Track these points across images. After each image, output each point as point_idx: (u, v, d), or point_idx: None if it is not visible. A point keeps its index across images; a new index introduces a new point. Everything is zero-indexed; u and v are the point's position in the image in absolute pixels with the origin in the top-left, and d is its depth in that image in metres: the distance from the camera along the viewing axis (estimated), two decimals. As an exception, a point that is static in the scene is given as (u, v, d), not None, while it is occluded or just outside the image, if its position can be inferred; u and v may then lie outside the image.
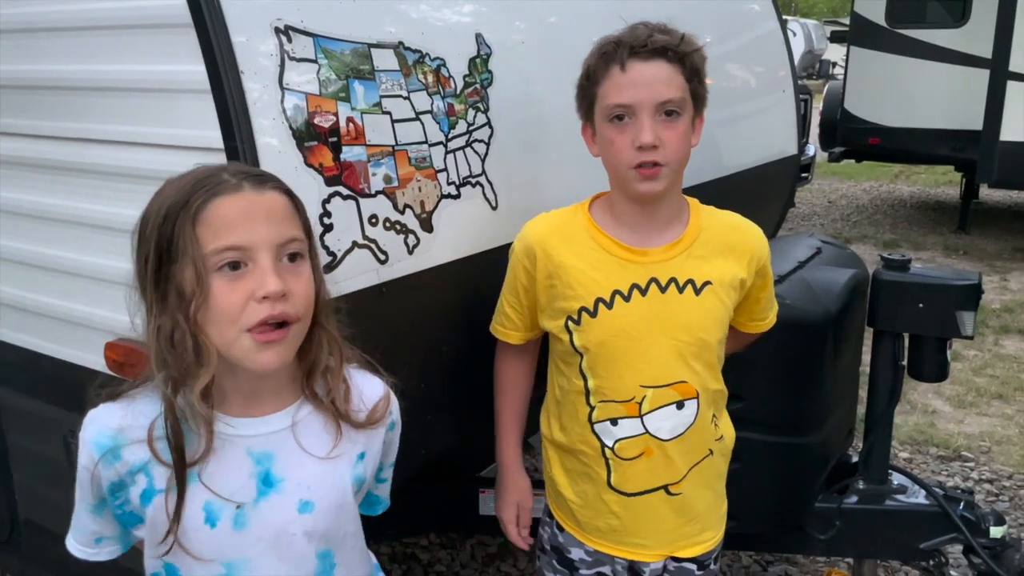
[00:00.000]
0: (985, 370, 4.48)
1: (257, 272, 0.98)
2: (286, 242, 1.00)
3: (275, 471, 1.07)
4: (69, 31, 1.48)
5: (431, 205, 1.58)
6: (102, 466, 1.04)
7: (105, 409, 1.07)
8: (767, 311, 1.64)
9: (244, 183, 1.00)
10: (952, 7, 7.19)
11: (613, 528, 1.52)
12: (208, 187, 0.98)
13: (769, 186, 3.09)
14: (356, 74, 1.45)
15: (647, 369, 1.44)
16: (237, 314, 0.97)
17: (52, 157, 1.58)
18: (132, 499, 1.06)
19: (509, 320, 1.57)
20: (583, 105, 1.47)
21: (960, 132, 6.85)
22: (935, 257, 6.77)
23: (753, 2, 3.12)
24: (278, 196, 1.02)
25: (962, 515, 2.14)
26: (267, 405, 1.08)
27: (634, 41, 1.36)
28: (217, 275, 0.97)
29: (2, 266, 1.74)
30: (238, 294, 0.97)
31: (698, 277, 1.44)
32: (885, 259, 2.20)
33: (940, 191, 9.72)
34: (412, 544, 2.85)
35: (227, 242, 0.97)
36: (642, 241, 1.45)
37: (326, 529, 1.10)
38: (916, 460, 3.51)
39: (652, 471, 1.48)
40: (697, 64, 1.40)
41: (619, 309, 1.43)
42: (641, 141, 1.35)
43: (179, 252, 0.97)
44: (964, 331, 2.11)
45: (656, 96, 1.35)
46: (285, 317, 0.99)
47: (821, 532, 2.17)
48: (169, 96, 1.38)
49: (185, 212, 0.97)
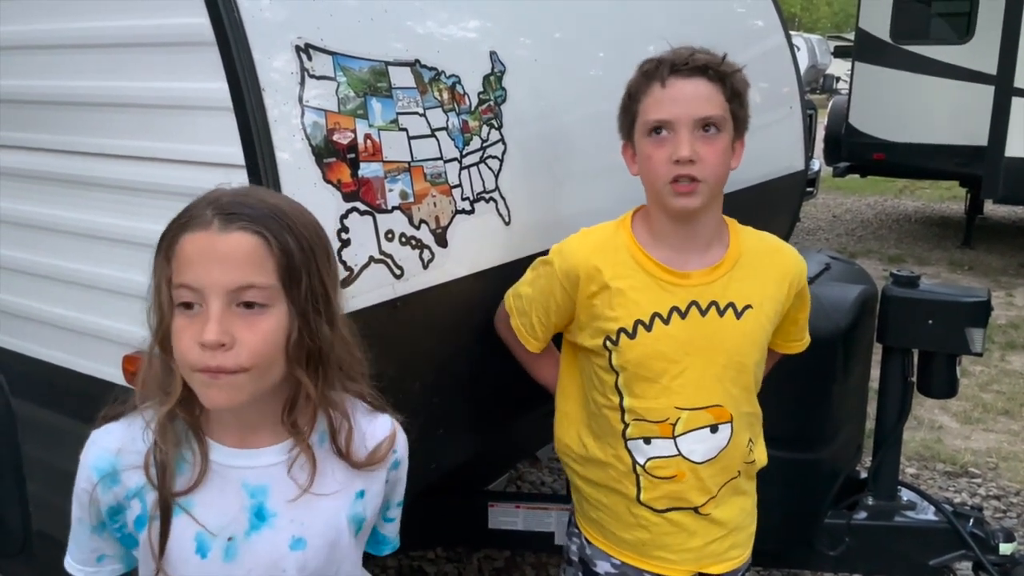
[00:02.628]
0: (991, 386, 4.48)
1: (203, 317, 0.94)
2: (240, 288, 0.94)
3: (268, 505, 1.04)
4: (92, 48, 1.50)
5: (446, 220, 1.60)
6: (100, 490, 1.03)
7: (106, 431, 1.06)
8: (803, 332, 1.65)
9: (215, 220, 0.95)
10: (957, 23, 7.23)
11: (642, 541, 1.51)
12: (185, 218, 0.97)
13: (776, 201, 3.10)
14: (374, 91, 1.47)
15: (683, 392, 1.44)
16: (184, 354, 0.95)
17: (73, 172, 1.60)
18: (128, 523, 1.04)
19: (533, 330, 1.57)
20: (624, 123, 1.48)
21: (965, 148, 6.87)
22: (940, 272, 6.78)
23: (759, 18, 3.14)
24: (245, 238, 0.95)
25: (972, 532, 2.15)
26: (263, 438, 1.05)
27: (675, 59, 1.38)
28: (177, 310, 0.96)
29: (20, 278, 1.75)
30: (188, 335, 0.95)
31: (739, 301, 1.44)
32: (894, 275, 2.21)
33: (945, 206, 9.73)
34: (419, 558, 2.84)
35: (183, 279, 0.95)
36: (683, 263, 1.45)
37: (318, 567, 1.07)
38: (923, 476, 3.50)
39: (683, 493, 1.48)
40: (738, 87, 1.41)
41: (659, 331, 1.43)
42: (678, 155, 1.35)
43: (158, 279, 0.98)
44: (973, 348, 2.12)
45: (695, 112, 1.36)
46: (221, 370, 0.94)
47: (830, 548, 2.18)
48: (191, 113, 1.39)
49: (163, 240, 0.98)
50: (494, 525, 2.25)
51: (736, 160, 1.45)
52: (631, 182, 1.51)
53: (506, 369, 1.71)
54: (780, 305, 1.50)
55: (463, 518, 2.30)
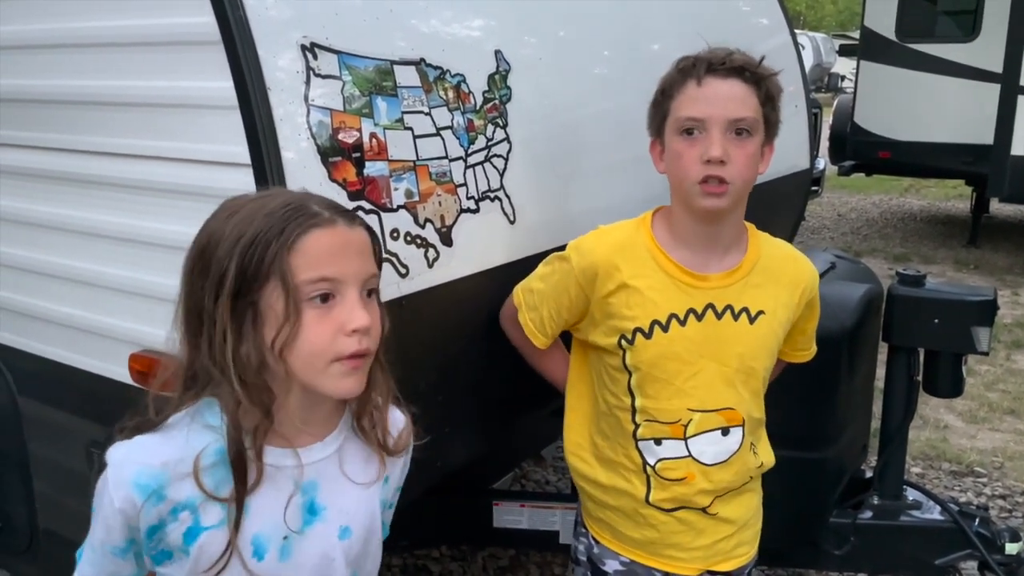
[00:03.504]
0: (997, 385, 4.46)
1: (346, 305, 0.99)
2: (370, 277, 1.03)
3: (318, 500, 1.07)
4: (97, 47, 1.51)
5: (451, 219, 1.60)
6: (145, 510, 0.99)
7: (141, 445, 1.01)
8: (811, 342, 1.65)
9: (337, 218, 1.01)
10: (963, 22, 7.21)
11: (650, 540, 1.52)
12: (303, 217, 0.99)
13: (781, 200, 3.09)
14: (379, 90, 1.47)
15: (695, 393, 1.44)
16: (326, 346, 0.98)
17: (78, 170, 1.60)
18: (170, 538, 1.01)
19: (542, 325, 1.56)
20: (655, 120, 1.47)
21: (971, 146, 6.84)
22: (945, 271, 6.76)
23: (764, 16, 3.14)
24: (364, 233, 1.05)
25: (977, 531, 2.14)
26: (310, 435, 1.08)
27: (712, 58, 1.38)
28: (308, 305, 0.98)
29: (26, 277, 1.76)
30: (328, 326, 0.98)
31: (753, 306, 1.45)
32: (900, 274, 2.21)
33: (950, 205, 9.71)
34: (424, 556, 2.85)
35: (321, 273, 0.98)
36: (702, 265, 1.44)
37: (359, 553, 1.12)
38: (929, 475, 3.49)
39: (691, 495, 1.48)
40: (772, 91, 1.41)
41: (675, 332, 1.43)
42: (709, 155, 1.34)
43: (267, 279, 0.97)
44: (980, 347, 2.11)
45: (729, 113, 1.36)
46: (369, 352, 1.01)
47: (836, 547, 2.17)
48: (196, 111, 1.40)
49: (280, 240, 0.97)
50: (499, 524, 2.25)
51: (764, 164, 1.44)
52: (636, 180, 1.51)
53: (511, 368, 1.71)
54: (791, 313, 1.50)
55: (468, 517, 2.31)
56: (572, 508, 2.22)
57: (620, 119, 2.07)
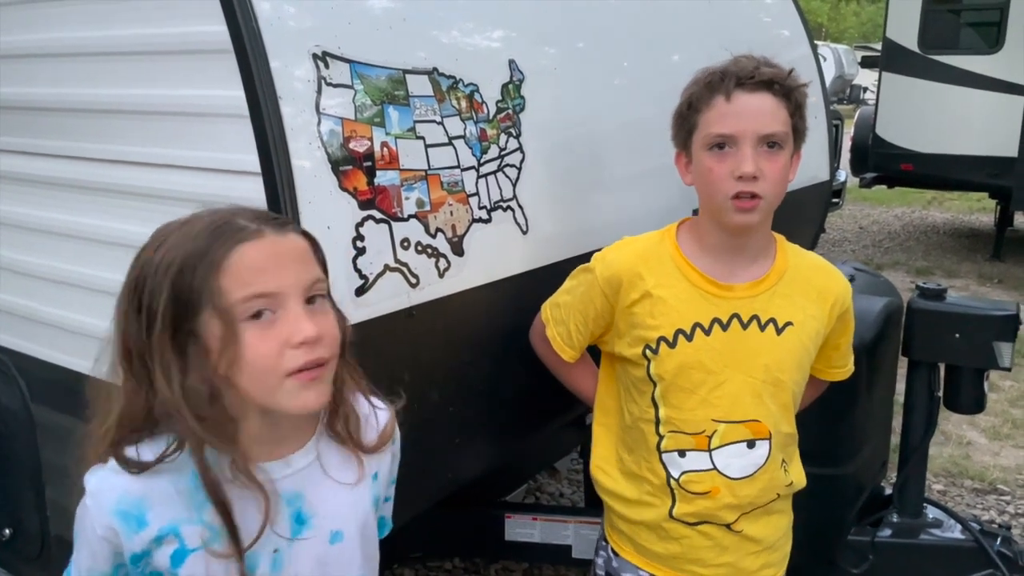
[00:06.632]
0: (1021, 401, 4.39)
1: (288, 318, 0.95)
2: (312, 283, 0.98)
3: (304, 509, 1.06)
4: (110, 56, 1.52)
5: (462, 229, 1.59)
6: (125, 538, 0.97)
7: (115, 472, 0.98)
8: (846, 358, 1.61)
9: (265, 228, 0.96)
10: (986, 33, 7.14)
11: (673, 554, 1.49)
12: (228, 234, 0.94)
13: (801, 212, 3.06)
14: (391, 99, 1.47)
15: (720, 404, 1.42)
16: (274, 363, 0.94)
17: (92, 178, 1.61)
18: (157, 562, 0.99)
19: (569, 338, 1.55)
20: (680, 133, 1.45)
21: (995, 159, 6.76)
22: (969, 285, 6.67)
23: (784, 27, 3.12)
24: (298, 238, 1.00)
25: (999, 551, 2.10)
26: (288, 445, 1.06)
27: (740, 72, 1.35)
28: (246, 325, 0.93)
29: (39, 285, 1.77)
30: (272, 342, 0.94)
31: (780, 317, 1.42)
32: (921, 288, 2.17)
33: (974, 218, 9.59)
34: (436, 568, 2.83)
35: (255, 290, 0.93)
36: (728, 275, 1.43)
37: (354, 553, 1.12)
38: (950, 493, 3.43)
39: (716, 510, 1.45)
40: (800, 100, 1.39)
41: (699, 342, 1.41)
42: (742, 171, 1.33)
43: (200, 305, 0.92)
44: (1002, 363, 2.07)
45: (760, 128, 1.34)
46: (321, 361, 0.97)
47: (854, 565, 2.13)
48: (208, 120, 1.40)
49: (206, 261, 0.92)
50: (511, 537, 2.23)
51: (793, 173, 1.42)
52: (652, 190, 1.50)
53: (524, 379, 1.70)
54: (822, 326, 1.47)
55: (480, 529, 2.29)
56: (585, 522, 2.20)
57: (636, 130, 2.06)
